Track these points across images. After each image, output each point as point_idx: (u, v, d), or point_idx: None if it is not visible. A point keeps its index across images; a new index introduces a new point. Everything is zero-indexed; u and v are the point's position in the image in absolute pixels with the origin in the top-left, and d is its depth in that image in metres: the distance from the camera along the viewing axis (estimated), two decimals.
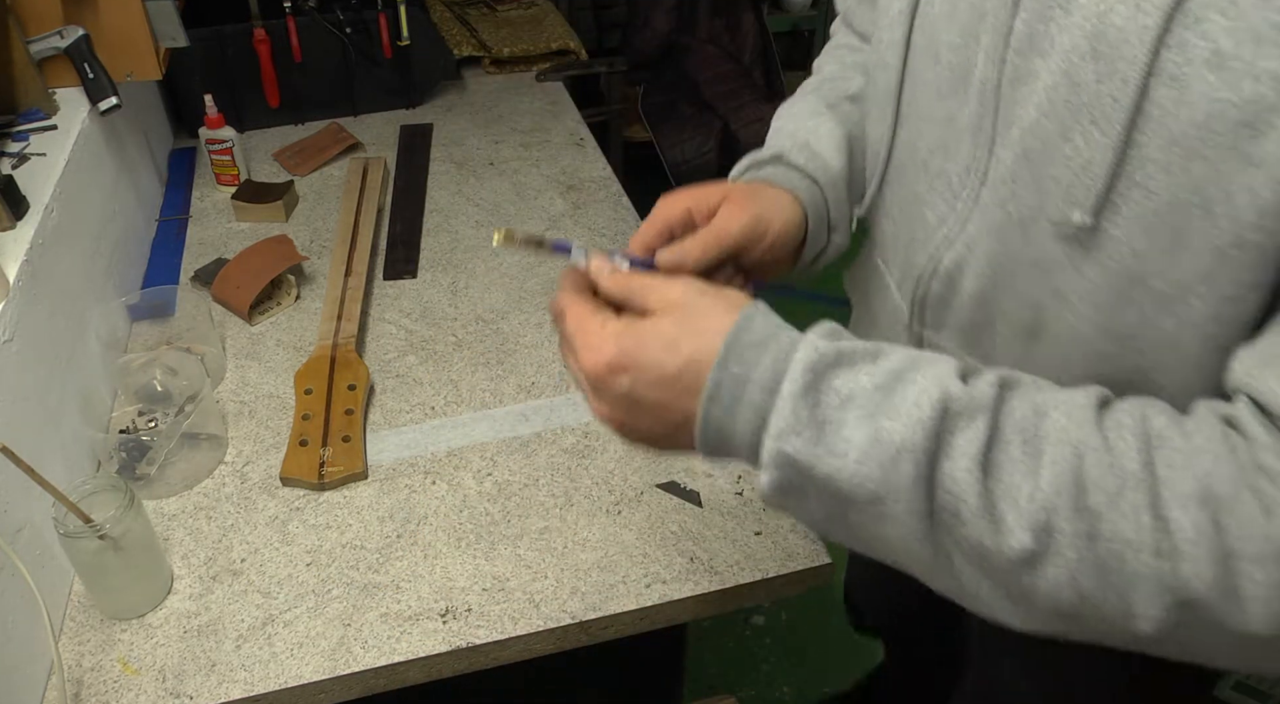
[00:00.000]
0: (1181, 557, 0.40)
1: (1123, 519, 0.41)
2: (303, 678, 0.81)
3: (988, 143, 0.56)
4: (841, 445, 0.45)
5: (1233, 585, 0.39)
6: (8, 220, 0.94)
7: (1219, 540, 0.39)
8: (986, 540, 0.43)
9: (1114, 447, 0.43)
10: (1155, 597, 0.41)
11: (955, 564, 0.45)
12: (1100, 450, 0.43)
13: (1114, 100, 0.46)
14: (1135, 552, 0.41)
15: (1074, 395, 0.46)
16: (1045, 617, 0.44)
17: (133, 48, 1.22)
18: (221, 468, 1.01)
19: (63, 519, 0.79)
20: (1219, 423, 0.43)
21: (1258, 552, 0.39)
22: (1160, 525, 0.40)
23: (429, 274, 1.30)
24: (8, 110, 1.12)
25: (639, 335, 0.50)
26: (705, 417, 0.49)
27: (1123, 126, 0.46)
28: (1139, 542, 0.41)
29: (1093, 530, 0.41)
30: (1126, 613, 0.42)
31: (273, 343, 1.18)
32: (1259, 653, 0.41)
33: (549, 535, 0.94)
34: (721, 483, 0.99)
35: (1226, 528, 0.39)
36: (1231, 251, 0.45)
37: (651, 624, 0.89)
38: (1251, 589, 0.39)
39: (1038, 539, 0.42)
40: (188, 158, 1.55)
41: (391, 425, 1.06)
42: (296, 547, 0.93)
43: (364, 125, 1.65)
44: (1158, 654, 0.44)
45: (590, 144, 1.60)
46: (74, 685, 0.82)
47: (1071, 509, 0.42)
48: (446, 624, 0.85)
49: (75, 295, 1.04)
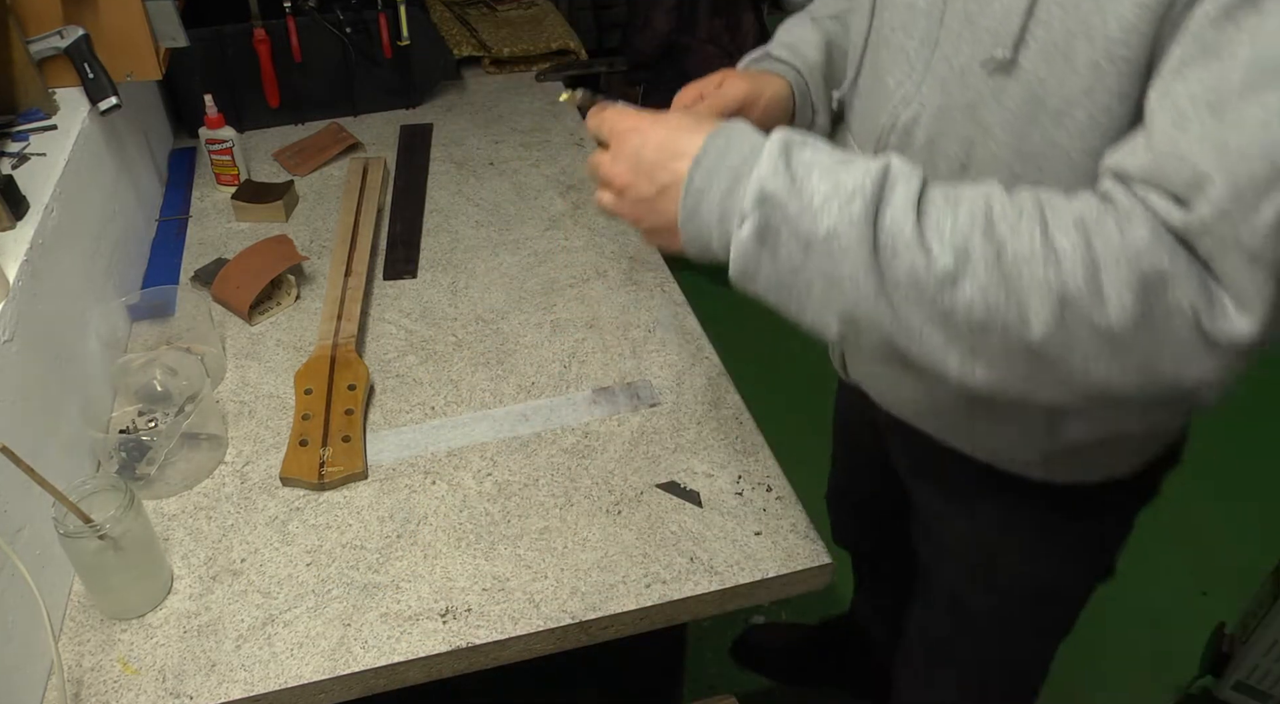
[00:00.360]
0: (1062, 266, 0.53)
1: (1020, 242, 0.54)
2: (303, 678, 0.81)
3: (939, 15, 0.69)
4: (809, 191, 0.58)
5: (1097, 285, 0.52)
6: (8, 220, 0.94)
7: (1088, 253, 0.53)
8: (918, 264, 0.55)
9: (1015, 199, 0.57)
10: (1043, 299, 0.53)
11: (894, 300, 0.56)
12: (1004, 200, 0.56)
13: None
14: (1029, 265, 0.54)
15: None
16: (961, 334, 0.56)
17: (133, 48, 1.22)
18: (221, 468, 1.01)
19: (63, 519, 0.79)
20: (1091, 193, 0.57)
21: (1114, 258, 0.52)
22: (1047, 244, 0.54)
23: (429, 274, 1.30)
24: (8, 110, 1.12)
25: (656, 117, 0.67)
26: (690, 175, 0.62)
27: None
28: (1032, 257, 0.54)
29: (999, 251, 0.54)
30: (1023, 319, 0.54)
31: (273, 343, 1.18)
32: (1122, 352, 0.53)
33: (549, 535, 0.94)
34: (721, 483, 0.99)
35: (1093, 244, 0.53)
36: (1105, 65, 0.58)
37: (651, 624, 0.89)
38: (1109, 288, 0.52)
39: (957, 260, 0.55)
40: (188, 158, 1.55)
41: (391, 425, 1.06)
42: (296, 547, 0.93)
43: (364, 125, 1.65)
44: (1049, 376, 0.56)
45: (590, 144, 1.60)
46: (74, 685, 0.82)
47: (982, 236, 0.55)
48: (446, 624, 0.85)
49: (75, 295, 1.04)
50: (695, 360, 1.14)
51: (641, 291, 1.26)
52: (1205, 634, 1.67)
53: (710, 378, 1.12)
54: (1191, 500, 2.07)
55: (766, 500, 0.97)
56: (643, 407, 1.08)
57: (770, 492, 0.98)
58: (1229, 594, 1.87)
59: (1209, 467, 2.16)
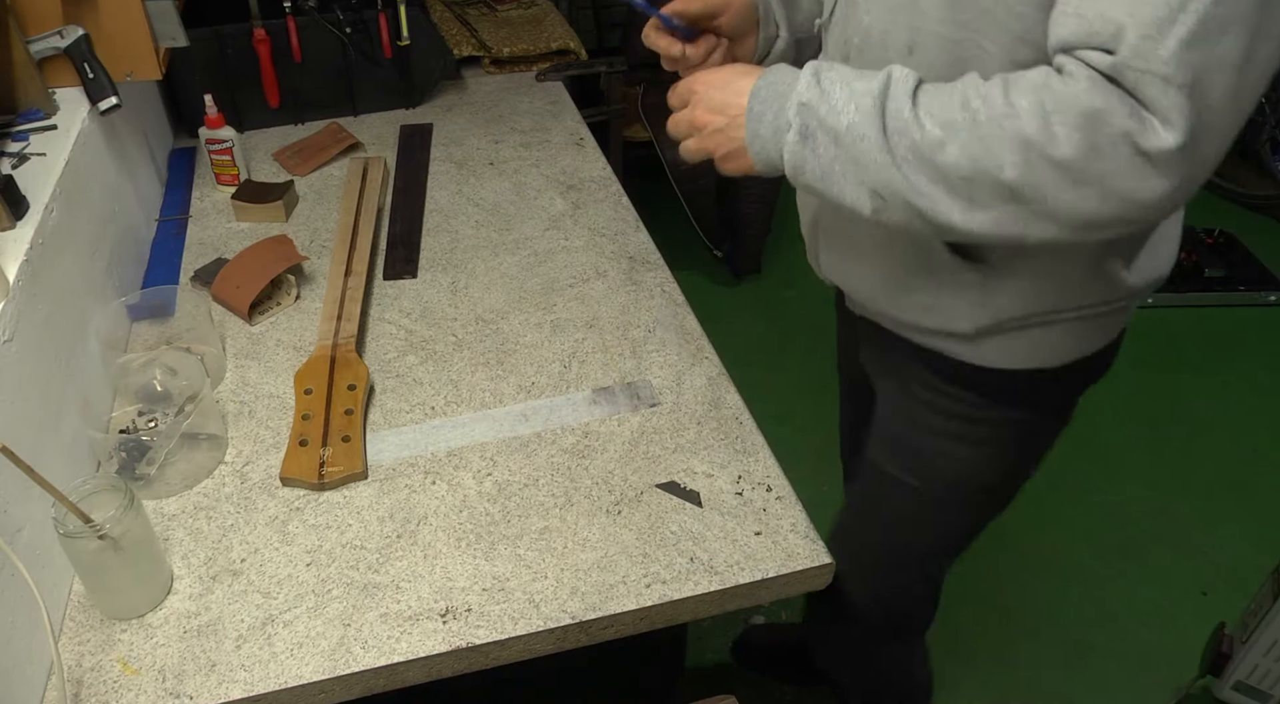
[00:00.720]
0: (1020, 118, 0.67)
1: (989, 108, 0.68)
2: (303, 678, 0.82)
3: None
4: (833, 97, 0.74)
5: (1049, 129, 0.66)
6: (8, 220, 0.94)
7: (1040, 106, 0.66)
8: (916, 137, 0.70)
9: (986, 82, 0.70)
10: (1010, 146, 0.67)
11: (904, 170, 0.71)
12: (977, 82, 0.70)
13: None
14: (996, 123, 0.67)
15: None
16: (957, 187, 0.70)
17: (133, 48, 1.22)
18: (221, 468, 1.01)
19: (63, 519, 0.79)
20: (1044, 66, 0.70)
21: (1060, 105, 0.65)
22: (1009, 104, 0.67)
23: (429, 274, 1.30)
24: (8, 110, 1.12)
25: (716, 70, 0.85)
26: (750, 104, 0.79)
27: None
28: (998, 117, 0.67)
29: (973, 117, 0.68)
30: (998, 165, 0.67)
31: (273, 343, 1.18)
32: (1081, 180, 0.66)
33: (549, 535, 0.94)
34: (721, 483, 0.99)
35: (1043, 99, 0.66)
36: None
37: (651, 624, 0.89)
38: (1058, 128, 0.65)
39: (944, 129, 0.69)
40: (188, 158, 1.55)
41: (391, 425, 1.06)
42: (296, 547, 0.93)
43: (364, 125, 1.65)
44: (1032, 211, 0.69)
45: (590, 144, 1.60)
46: (74, 685, 0.82)
47: (960, 109, 0.69)
48: (446, 624, 0.85)
49: (75, 295, 1.04)
50: (695, 360, 1.14)
51: (641, 291, 1.26)
52: (1205, 634, 1.67)
53: (710, 378, 1.12)
54: (1192, 500, 2.07)
55: (766, 500, 0.97)
56: (643, 407, 1.08)
57: (770, 492, 0.98)
58: (1229, 594, 1.87)
59: (1209, 466, 2.16)
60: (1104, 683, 1.74)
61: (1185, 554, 1.96)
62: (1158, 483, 2.11)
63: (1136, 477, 2.12)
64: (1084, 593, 1.88)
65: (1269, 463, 2.17)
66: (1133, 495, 2.08)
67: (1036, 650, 1.79)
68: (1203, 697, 1.69)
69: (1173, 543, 1.98)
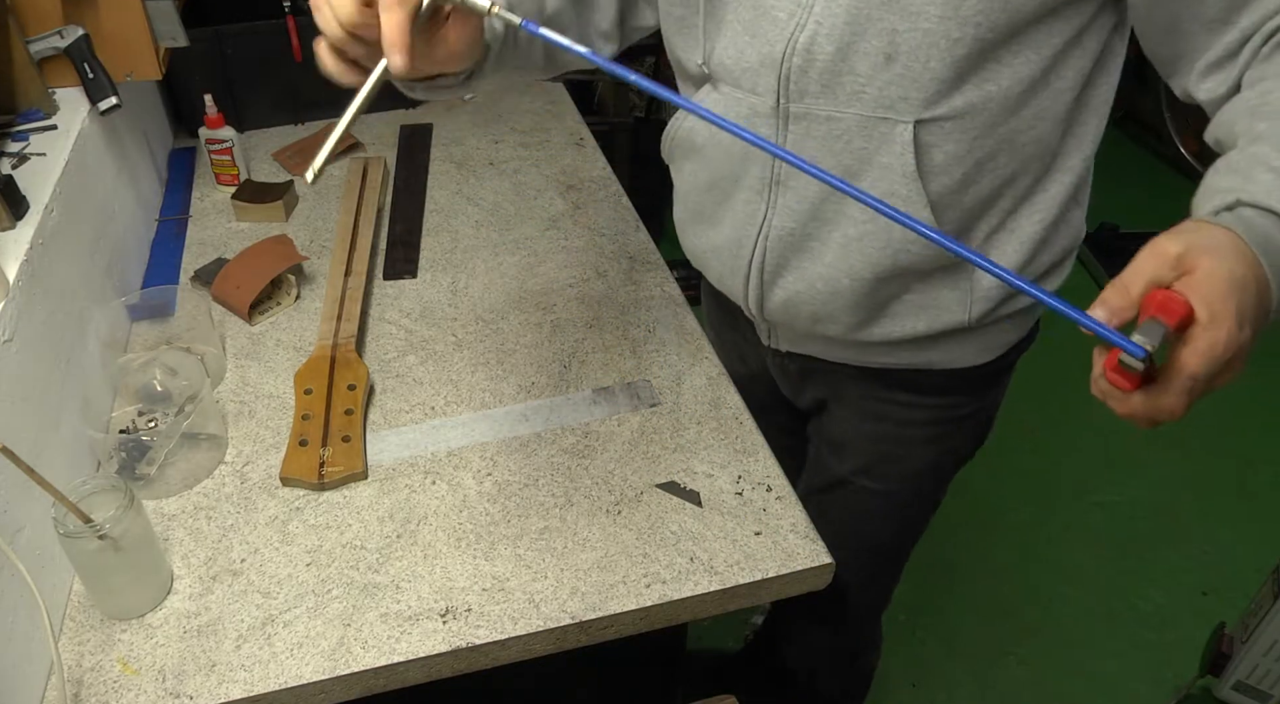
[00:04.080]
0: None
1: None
2: (303, 678, 0.81)
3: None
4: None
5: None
6: (8, 220, 0.94)
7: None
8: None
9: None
10: None
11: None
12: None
13: None
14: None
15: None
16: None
17: (133, 48, 1.22)
18: (221, 468, 1.01)
19: (63, 519, 0.79)
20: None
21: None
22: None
23: (429, 274, 1.30)
24: (8, 110, 1.12)
25: (1197, 282, 0.52)
26: (1266, 267, 0.55)
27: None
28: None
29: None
30: None
31: (273, 343, 1.18)
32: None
33: (549, 535, 0.94)
34: (721, 483, 0.99)
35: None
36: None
37: (651, 624, 0.89)
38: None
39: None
40: (188, 158, 1.55)
41: (391, 425, 1.06)
42: (296, 547, 0.93)
43: (364, 125, 1.65)
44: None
45: (590, 144, 1.60)
46: (74, 685, 0.82)
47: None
48: (446, 624, 0.85)
49: (75, 295, 1.04)
50: (695, 360, 1.14)
51: (641, 291, 1.26)
52: (1205, 634, 1.67)
53: (710, 378, 1.12)
54: (1191, 500, 2.07)
55: (766, 500, 0.97)
56: (643, 407, 1.08)
57: (770, 492, 0.98)
58: (1229, 594, 1.87)
59: (1209, 467, 2.16)
60: (1104, 683, 1.74)
61: (1185, 554, 1.96)
62: (1158, 483, 2.11)
63: (1136, 477, 2.12)
64: (1084, 593, 1.89)
65: (1269, 463, 2.17)
66: (1133, 495, 2.08)
67: (1036, 650, 1.79)
68: (1203, 697, 1.69)
69: (1173, 543, 1.98)
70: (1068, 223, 0.90)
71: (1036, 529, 2.00)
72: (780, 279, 0.91)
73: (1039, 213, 0.86)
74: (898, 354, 0.96)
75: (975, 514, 2.02)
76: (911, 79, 0.74)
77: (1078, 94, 0.79)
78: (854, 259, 0.86)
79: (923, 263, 0.85)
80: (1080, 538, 1.98)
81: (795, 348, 1.03)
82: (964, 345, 0.95)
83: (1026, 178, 0.83)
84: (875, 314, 0.91)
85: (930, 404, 1.01)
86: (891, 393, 1.01)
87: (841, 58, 0.76)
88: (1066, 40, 0.75)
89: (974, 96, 0.75)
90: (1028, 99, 0.77)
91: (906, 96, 0.75)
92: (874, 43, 0.74)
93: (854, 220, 0.84)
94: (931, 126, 0.77)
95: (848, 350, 0.98)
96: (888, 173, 0.79)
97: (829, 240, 0.86)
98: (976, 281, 0.89)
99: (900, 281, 0.88)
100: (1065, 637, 1.81)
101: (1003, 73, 0.75)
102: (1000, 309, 0.91)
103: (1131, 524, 2.01)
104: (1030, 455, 2.14)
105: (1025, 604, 1.87)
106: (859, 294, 0.89)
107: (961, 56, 0.73)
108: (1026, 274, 0.88)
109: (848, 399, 1.05)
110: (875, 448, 1.07)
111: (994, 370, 1.00)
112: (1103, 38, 0.77)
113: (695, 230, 0.99)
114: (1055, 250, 0.91)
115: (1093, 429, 2.18)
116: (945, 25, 0.71)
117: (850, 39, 0.75)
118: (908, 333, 0.92)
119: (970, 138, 0.78)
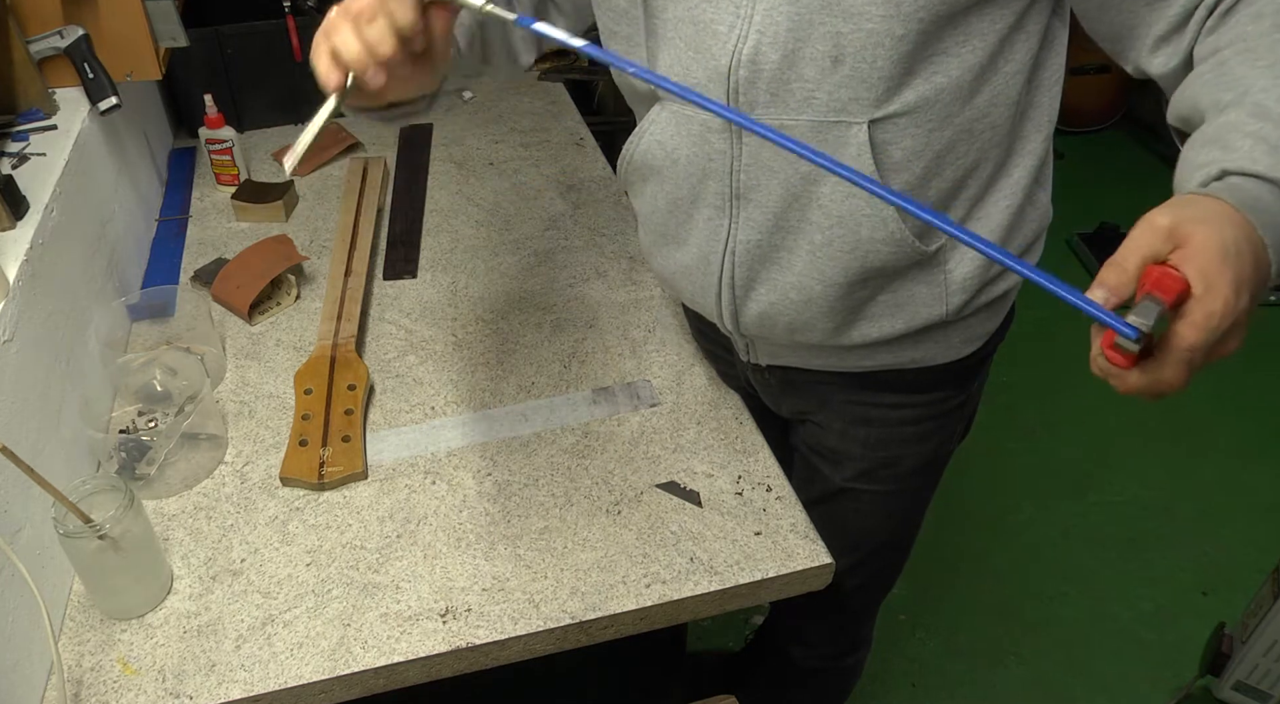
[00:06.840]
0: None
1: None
2: (303, 678, 0.82)
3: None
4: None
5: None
6: (8, 220, 0.95)
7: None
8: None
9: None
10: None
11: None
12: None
13: None
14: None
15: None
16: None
17: (133, 48, 1.22)
18: (221, 468, 1.02)
19: (63, 519, 0.79)
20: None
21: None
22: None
23: (429, 274, 1.30)
24: (8, 110, 1.12)
25: (1194, 252, 0.53)
26: (1262, 236, 0.55)
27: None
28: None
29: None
30: None
31: (273, 343, 1.18)
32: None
33: (549, 535, 0.94)
34: (721, 483, 0.99)
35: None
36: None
37: (651, 624, 0.89)
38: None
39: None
40: (188, 158, 1.55)
41: (391, 425, 1.06)
42: (296, 547, 0.93)
43: (364, 125, 1.65)
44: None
45: (590, 144, 1.60)
46: (74, 685, 0.82)
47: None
48: (446, 624, 0.86)
49: (75, 295, 1.04)
50: (695, 360, 1.14)
51: (641, 291, 1.26)
52: (1205, 634, 1.67)
53: (710, 378, 1.12)
54: (1192, 500, 2.07)
55: (766, 500, 0.97)
56: (643, 407, 1.08)
57: (770, 492, 0.98)
58: (1229, 594, 1.87)
59: (1209, 466, 2.16)
60: (1104, 683, 1.74)
61: (1185, 554, 1.96)
62: (1158, 483, 2.11)
63: (1136, 477, 2.12)
64: (1084, 593, 1.89)
65: (1269, 463, 2.17)
66: (1133, 495, 2.08)
67: (1036, 650, 1.79)
68: (1203, 697, 1.69)
69: (1173, 543, 1.98)
70: (1034, 205, 0.89)
71: (1036, 529, 2.00)
72: (752, 292, 0.91)
73: (1005, 199, 0.86)
74: (879, 356, 0.96)
75: (975, 514, 2.02)
76: (860, 79, 0.74)
77: (1028, 76, 0.79)
78: (824, 265, 0.85)
79: (894, 261, 0.85)
80: (1080, 538, 1.98)
81: (775, 361, 1.02)
82: (944, 340, 0.95)
83: (988, 165, 0.83)
84: (852, 318, 0.91)
85: (918, 402, 1.01)
86: (878, 396, 1.01)
87: (788, 65, 0.75)
88: (1010, 25, 0.75)
89: (925, 90, 0.75)
90: (979, 87, 0.77)
91: (857, 97, 0.75)
92: (819, 47, 0.73)
93: (819, 226, 0.83)
94: (885, 124, 0.77)
95: (829, 358, 0.98)
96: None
97: (796, 249, 0.85)
98: (950, 274, 0.88)
99: (874, 283, 0.87)
100: (1065, 637, 1.81)
101: (950, 64, 0.75)
102: (978, 298, 0.91)
103: (1131, 524, 2.01)
104: (1030, 455, 2.14)
105: (1025, 604, 1.87)
106: (833, 299, 0.88)
107: (907, 52, 0.73)
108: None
109: (834, 407, 1.05)
110: (870, 453, 1.06)
111: (977, 360, 1.00)
112: (1044, 19, 0.78)
113: (662, 253, 0.97)
114: (1026, 233, 0.91)
115: (1093, 429, 2.18)
116: (889, 23, 0.71)
117: (794, 45, 0.74)
118: (886, 333, 0.91)
119: (926, 131, 0.77)
